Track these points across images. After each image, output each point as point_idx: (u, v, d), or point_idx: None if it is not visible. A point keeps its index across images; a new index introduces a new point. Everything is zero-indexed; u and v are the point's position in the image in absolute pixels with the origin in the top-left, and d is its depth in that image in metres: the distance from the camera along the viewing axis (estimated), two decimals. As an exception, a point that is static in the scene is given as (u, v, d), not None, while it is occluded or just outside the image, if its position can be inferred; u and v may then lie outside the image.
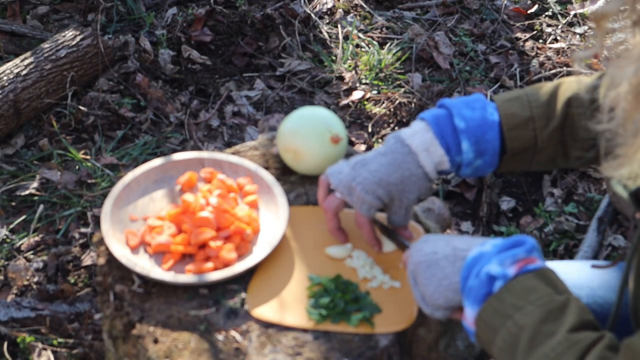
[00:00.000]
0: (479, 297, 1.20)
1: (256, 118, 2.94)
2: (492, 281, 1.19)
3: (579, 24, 3.41)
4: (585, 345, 1.11)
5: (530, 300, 1.16)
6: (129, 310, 1.42)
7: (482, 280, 1.20)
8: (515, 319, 1.15)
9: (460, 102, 1.44)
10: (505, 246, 1.22)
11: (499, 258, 1.20)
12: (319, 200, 1.49)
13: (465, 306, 1.23)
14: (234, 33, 3.25)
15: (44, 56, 2.85)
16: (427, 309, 1.29)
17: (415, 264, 1.30)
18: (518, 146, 1.43)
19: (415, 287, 1.31)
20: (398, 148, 1.42)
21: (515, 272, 1.19)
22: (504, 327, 1.16)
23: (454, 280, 1.24)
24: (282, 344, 1.36)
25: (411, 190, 1.42)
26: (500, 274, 1.19)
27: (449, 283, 1.25)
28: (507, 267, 1.19)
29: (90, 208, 2.51)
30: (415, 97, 3.01)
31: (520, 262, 1.20)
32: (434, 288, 1.26)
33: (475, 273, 1.21)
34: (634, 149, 1.07)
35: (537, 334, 1.13)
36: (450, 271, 1.25)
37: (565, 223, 2.60)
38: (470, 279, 1.21)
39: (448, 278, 1.25)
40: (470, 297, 1.21)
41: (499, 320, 1.17)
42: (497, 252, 1.21)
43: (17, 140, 2.76)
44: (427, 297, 1.28)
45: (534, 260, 1.21)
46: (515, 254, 1.20)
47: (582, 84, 1.43)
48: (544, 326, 1.14)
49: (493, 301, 1.18)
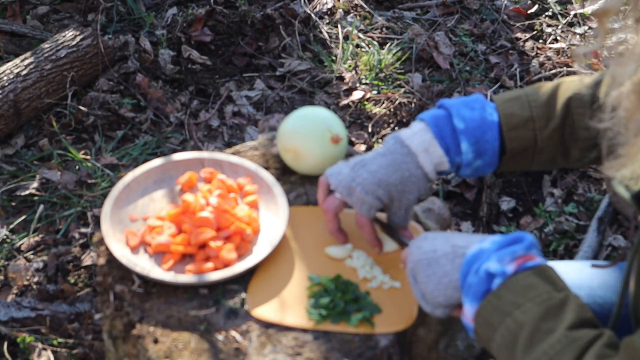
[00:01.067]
0: (478, 294, 1.20)
1: (256, 118, 2.94)
2: (491, 278, 1.19)
3: (579, 24, 3.41)
4: (584, 342, 1.11)
5: (529, 297, 1.16)
6: (129, 310, 1.42)
7: (481, 277, 1.20)
8: (514, 316, 1.15)
9: (460, 102, 1.44)
10: (504, 243, 1.22)
11: (497, 255, 1.20)
12: (318, 201, 1.49)
13: (464, 303, 1.23)
14: (234, 33, 3.25)
15: (44, 56, 2.85)
16: (427, 307, 1.29)
17: (415, 262, 1.30)
18: (518, 146, 1.43)
19: (415, 285, 1.31)
20: (397, 149, 1.41)
21: (514, 270, 1.19)
22: (503, 324, 1.16)
23: (454, 277, 1.24)
24: (282, 344, 1.36)
25: (411, 190, 1.42)
26: (499, 271, 1.19)
27: (449, 280, 1.25)
28: (506, 264, 1.19)
29: (90, 208, 2.51)
30: (415, 97, 3.01)
31: (519, 259, 1.20)
32: (433, 286, 1.26)
33: (474, 270, 1.21)
34: (635, 148, 1.07)
35: (536, 332, 1.13)
36: (449, 269, 1.25)
37: (565, 223, 2.60)
38: (469, 276, 1.21)
39: (448, 275, 1.25)
40: (469, 294, 1.21)
41: (498, 318, 1.17)
42: (496, 249, 1.21)
43: (17, 140, 2.76)
44: (427, 295, 1.28)
45: (533, 257, 1.21)
46: (514, 251, 1.20)
47: (583, 84, 1.43)
48: (543, 324, 1.13)
49: (492, 298, 1.18)
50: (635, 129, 1.07)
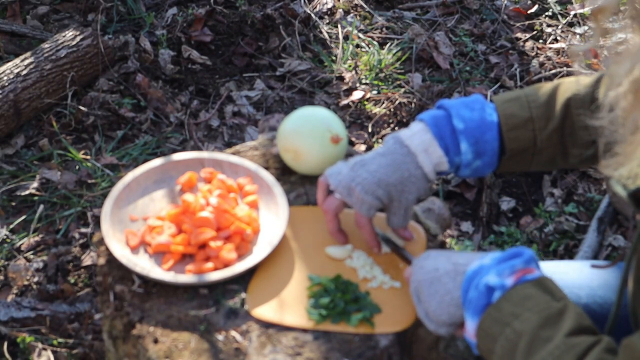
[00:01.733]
0: (479, 308, 1.20)
1: (256, 118, 2.94)
2: (490, 292, 1.20)
3: (579, 24, 3.41)
4: (583, 348, 1.11)
5: (528, 307, 1.16)
6: (129, 310, 1.42)
7: (481, 291, 1.20)
8: (513, 326, 1.16)
9: (459, 102, 1.44)
10: (503, 258, 1.23)
11: (497, 269, 1.21)
12: (318, 202, 1.49)
13: (466, 319, 1.23)
14: (234, 33, 3.25)
15: (44, 56, 2.85)
16: (431, 325, 1.29)
17: (418, 282, 1.30)
18: (517, 147, 1.43)
19: (419, 304, 1.31)
20: (397, 149, 1.42)
21: (514, 282, 1.19)
22: (502, 334, 1.16)
23: (456, 295, 1.25)
24: (282, 344, 1.36)
25: (410, 190, 1.42)
26: (499, 285, 1.19)
27: (451, 298, 1.25)
28: (505, 277, 1.20)
29: (90, 208, 2.51)
30: (415, 97, 3.01)
31: (518, 273, 1.20)
32: (436, 304, 1.26)
33: (474, 285, 1.21)
34: (632, 147, 1.07)
35: (535, 340, 1.13)
36: (451, 286, 1.25)
37: (565, 223, 2.60)
38: (470, 291, 1.22)
39: (450, 293, 1.25)
40: (470, 309, 1.21)
41: (498, 329, 1.17)
42: (495, 264, 1.22)
43: (17, 140, 2.76)
44: (430, 314, 1.28)
45: (531, 270, 1.22)
46: (513, 264, 1.21)
47: (582, 84, 1.43)
48: (542, 332, 1.14)
49: (492, 311, 1.19)
50: (631, 127, 1.07)
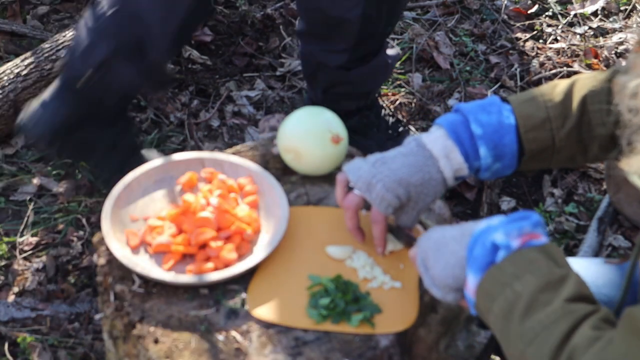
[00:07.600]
0: (482, 266, 1.20)
1: (256, 118, 2.94)
2: (495, 250, 1.20)
3: (579, 24, 3.41)
4: (581, 315, 1.11)
5: (530, 270, 1.17)
6: (130, 311, 1.42)
7: (487, 248, 1.20)
8: (513, 287, 1.16)
9: (476, 106, 1.44)
10: (512, 219, 1.23)
11: (505, 228, 1.21)
12: (337, 199, 1.49)
13: (468, 276, 1.23)
14: (234, 33, 3.25)
15: (44, 56, 2.85)
16: (437, 292, 1.29)
17: (425, 250, 1.30)
18: (536, 147, 1.44)
19: (425, 273, 1.30)
20: (420, 151, 1.42)
21: (519, 245, 1.20)
22: (502, 294, 1.17)
23: (461, 255, 1.25)
24: (283, 344, 1.36)
25: (428, 193, 1.43)
26: (504, 244, 1.20)
27: (456, 259, 1.25)
28: (512, 238, 1.20)
29: (89, 215, 2.51)
30: (416, 97, 3.01)
31: (525, 236, 1.20)
32: (442, 267, 1.26)
33: (481, 242, 1.21)
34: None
35: (534, 302, 1.14)
36: (457, 248, 1.25)
37: (566, 223, 2.60)
38: (475, 248, 1.22)
39: (455, 254, 1.25)
40: (473, 266, 1.21)
41: (498, 289, 1.18)
42: (504, 225, 1.22)
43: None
44: (436, 279, 1.28)
45: (538, 235, 1.22)
46: (521, 226, 1.21)
47: (597, 80, 1.43)
48: (541, 295, 1.14)
49: (494, 270, 1.19)
50: None
